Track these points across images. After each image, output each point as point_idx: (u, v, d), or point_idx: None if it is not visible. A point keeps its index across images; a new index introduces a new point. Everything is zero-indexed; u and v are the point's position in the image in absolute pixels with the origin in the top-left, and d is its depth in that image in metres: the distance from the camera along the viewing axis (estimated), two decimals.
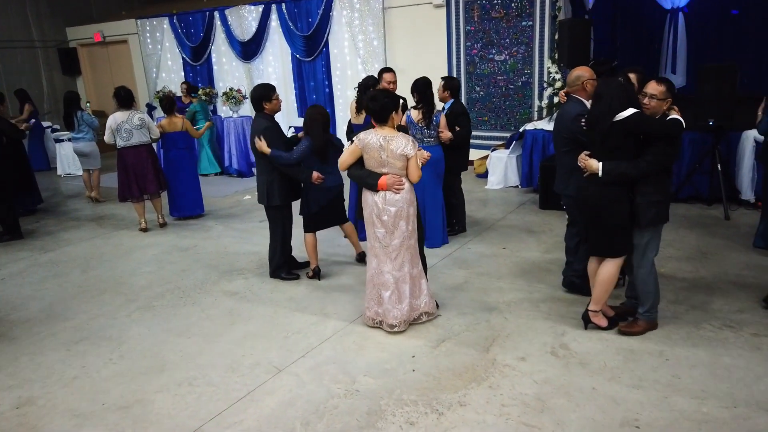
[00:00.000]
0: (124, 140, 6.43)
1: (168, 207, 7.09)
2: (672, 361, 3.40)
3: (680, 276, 4.62)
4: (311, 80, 10.40)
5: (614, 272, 3.62)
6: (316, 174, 4.63)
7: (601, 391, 3.14)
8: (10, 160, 6.93)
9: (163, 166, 7.02)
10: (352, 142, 3.90)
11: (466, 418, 2.99)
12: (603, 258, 3.68)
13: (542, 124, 7.58)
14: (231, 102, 9.64)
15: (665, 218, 3.58)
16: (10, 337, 4.25)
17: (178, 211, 7.09)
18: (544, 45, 8.21)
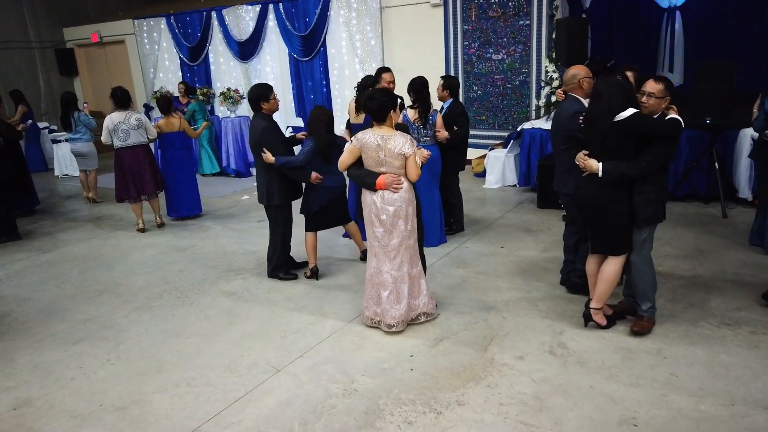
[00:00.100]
0: (121, 141, 6.42)
1: (166, 207, 7.08)
2: (670, 359, 3.41)
3: (678, 274, 4.63)
4: (309, 80, 10.40)
5: (617, 270, 3.63)
6: (314, 175, 4.63)
7: (599, 390, 3.15)
8: (8, 161, 6.92)
9: (160, 166, 7.01)
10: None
11: (465, 417, 2.99)
12: (602, 257, 3.69)
13: (540, 123, 7.58)
14: (228, 102, 9.62)
15: (662, 217, 3.60)
16: (8, 338, 4.24)
17: (176, 212, 7.08)
18: (542, 44, 8.22)
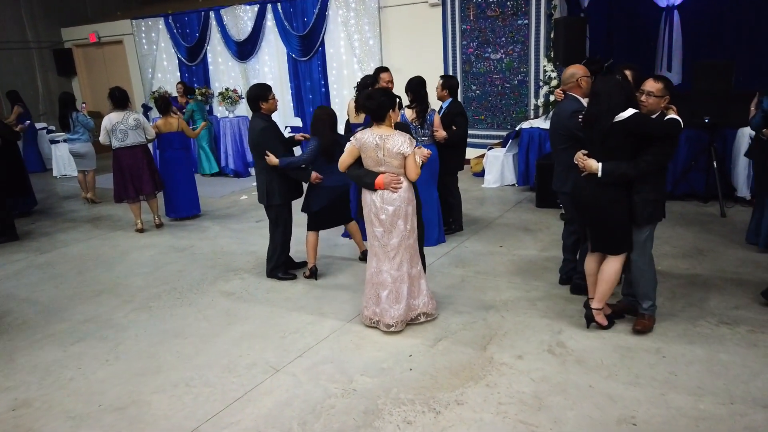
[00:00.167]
0: (120, 141, 6.42)
1: (164, 207, 7.07)
2: (669, 358, 3.41)
3: (676, 273, 4.63)
4: (307, 80, 10.39)
5: (618, 269, 3.62)
6: (314, 174, 4.64)
7: (598, 389, 3.14)
8: (5, 162, 6.91)
9: (159, 166, 7.00)
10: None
11: (464, 416, 2.99)
12: (601, 256, 3.70)
13: (538, 123, 7.58)
14: (227, 102, 9.61)
15: (662, 215, 3.60)
16: (7, 338, 4.24)
17: (175, 212, 7.07)
18: (540, 43, 8.23)
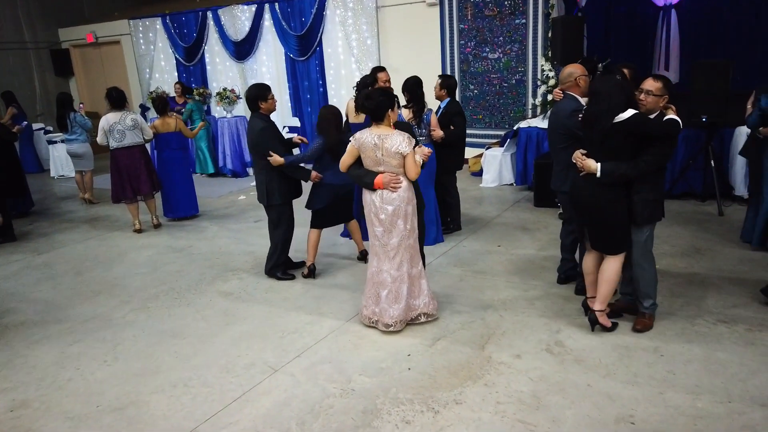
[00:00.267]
0: (117, 141, 6.41)
1: (162, 208, 7.07)
2: (667, 357, 3.41)
3: (674, 272, 4.63)
4: (305, 80, 10.38)
5: (618, 269, 3.62)
6: (314, 174, 4.67)
7: (597, 388, 3.15)
8: (3, 163, 6.89)
9: (156, 166, 6.99)
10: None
11: (462, 416, 2.99)
12: (599, 255, 3.70)
13: (536, 122, 7.59)
14: (225, 102, 9.61)
15: (661, 215, 3.60)
16: (5, 339, 4.23)
17: (173, 212, 7.06)
18: (538, 43, 8.23)
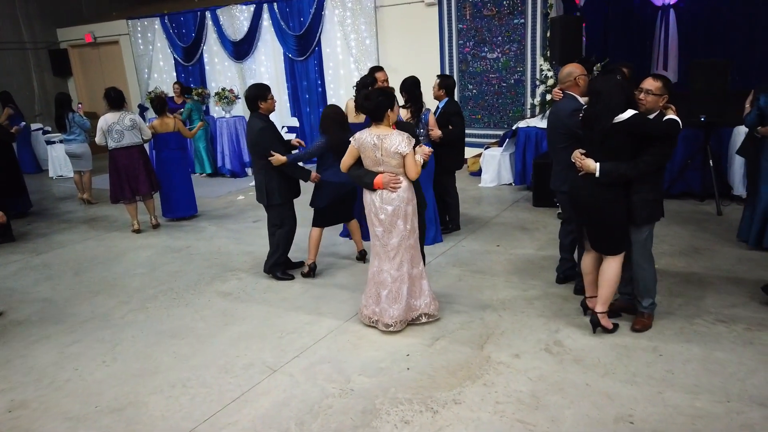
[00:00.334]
0: (116, 141, 6.40)
1: (161, 208, 7.06)
2: (665, 356, 3.41)
3: (673, 271, 4.64)
4: (304, 80, 10.37)
5: (618, 270, 3.62)
6: (314, 174, 4.69)
7: (596, 388, 3.15)
8: (1, 163, 6.88)
9: (155, 167, 6.99)
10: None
11: (461, 416, 2.99)
12: (598, 255, 3.69)
13: (535, 122, 7.58)
14: (223, 102, 9.60)
15: (660, 215, 3.60)
16: (3, 339, 4.22)
17: (171, 212, 7.06)
18: (536, 42, 8.23)
